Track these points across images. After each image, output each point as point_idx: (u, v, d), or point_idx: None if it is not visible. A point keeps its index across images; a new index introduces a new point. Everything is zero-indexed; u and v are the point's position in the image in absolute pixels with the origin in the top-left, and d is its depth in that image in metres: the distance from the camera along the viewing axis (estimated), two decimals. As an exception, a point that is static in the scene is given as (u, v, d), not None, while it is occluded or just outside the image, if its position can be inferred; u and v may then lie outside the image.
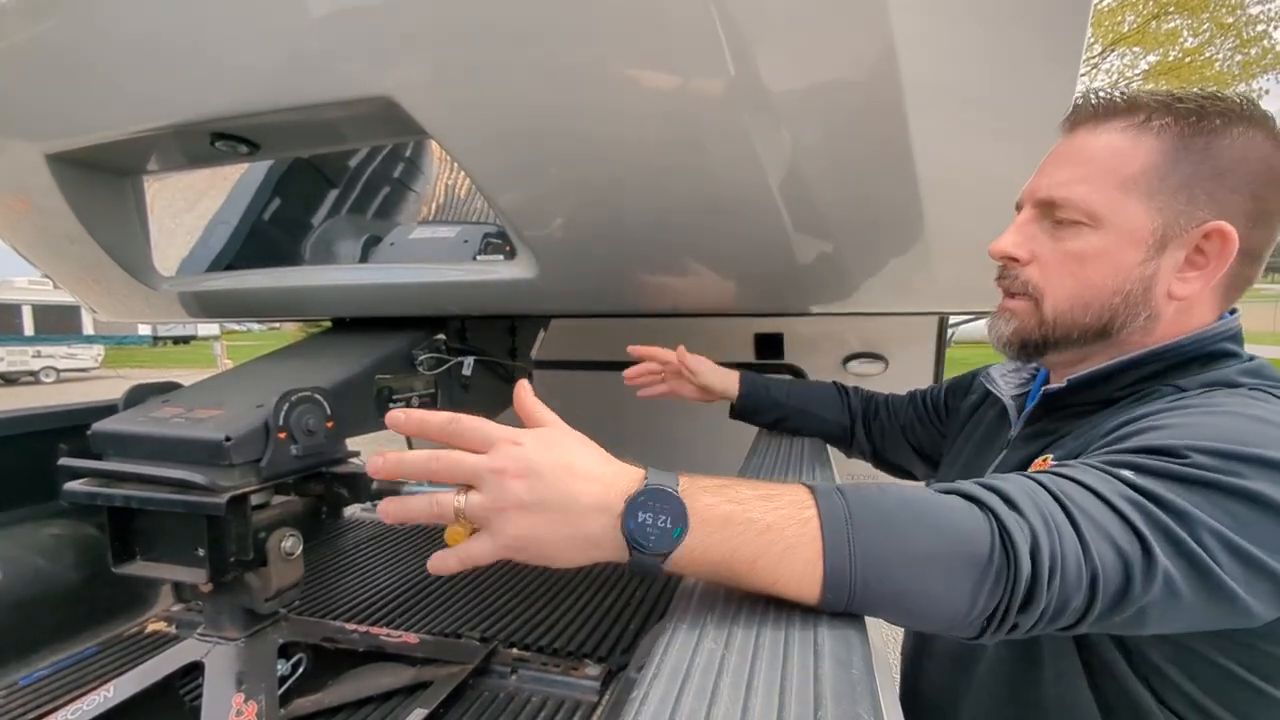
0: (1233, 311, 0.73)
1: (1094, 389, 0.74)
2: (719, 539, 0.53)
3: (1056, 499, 0.53)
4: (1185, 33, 10.72)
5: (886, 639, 0.84)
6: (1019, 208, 0.78)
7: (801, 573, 0.52)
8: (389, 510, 0.60)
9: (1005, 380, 0.92)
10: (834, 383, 1.39)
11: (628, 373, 1.41)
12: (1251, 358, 0.69)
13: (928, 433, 1.19)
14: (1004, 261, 0.78)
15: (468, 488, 0.57)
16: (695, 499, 0.54)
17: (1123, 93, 0.72)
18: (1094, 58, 11.14)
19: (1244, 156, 0.65)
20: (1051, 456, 0.71)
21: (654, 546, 0.52)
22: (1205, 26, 10.52)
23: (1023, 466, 0.74)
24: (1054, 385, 0.78)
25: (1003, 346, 0.80)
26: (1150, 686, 0.64)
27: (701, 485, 0.56)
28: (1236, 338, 0.70)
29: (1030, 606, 0.50)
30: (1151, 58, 11.08)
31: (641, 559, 0.53)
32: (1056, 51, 0.96)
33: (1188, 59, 10.71)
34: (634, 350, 1.38)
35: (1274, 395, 0.62)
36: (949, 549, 0.51)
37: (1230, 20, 10.31)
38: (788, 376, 1.45)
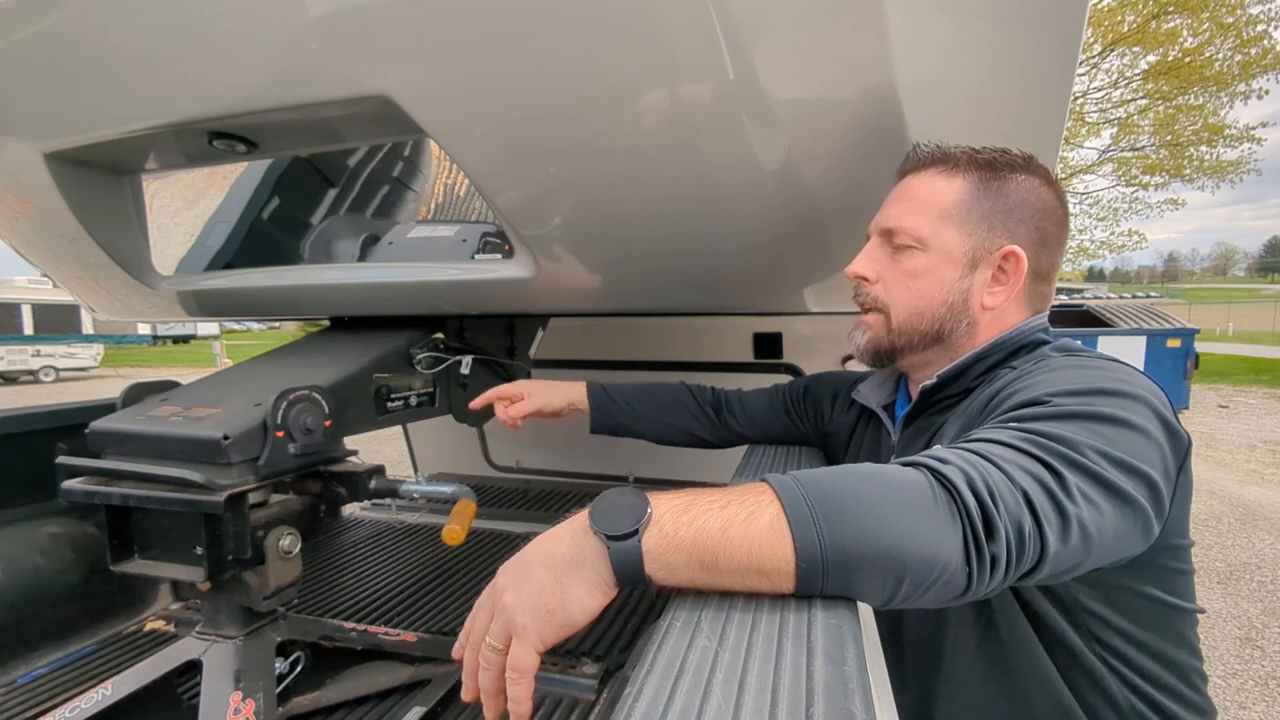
0: (1040, 313, 0.91)
1: (956, 381, 0.90)
2: (686, 520, 0.57)
3: (970, 450, 0.62)
4: (1185, 32, 10.69)
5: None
6: (869, 237, 0.95)
7: (770, 531, 0.55)
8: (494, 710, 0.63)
9: (873, 393, 1.07)
10: (681, 383, 1.40)
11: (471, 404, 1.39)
12: (1058, 338, 0.88)
13: (787, 433, 1.30)
14: (856, 281, 0.95)
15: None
16: (656, 499, 0.60)
17: (938, 147, 0.90)
18: (1093, 57, 11.13)
19: (1026, 197, 0.86)
20: (937, 446, 0.79)
21: (625, 525, 0.57)
22: (1205, 26, 10.49)
23: None
24: (927, 381, 0.91)
25: (860, 354, 0.98)
26: (1083, 627, 0.77)
27: (658, 494, 0.62)
28: (1047, 330, 0.90)
29: (993, 531, 0.55)
30: (1151, 57, 11.06)
31: (619, 548, 0.57)
32: (1054, 50, 0.96)
33: (1187, 59, 10.68)
34: (479, 400, 1.38)
35: (1079, 355, 0.81)
36: (895, 494, 0.57)
37: (1230, 20, 10.28)
38: (639, 384, 1.40)
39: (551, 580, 0.59)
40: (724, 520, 0.56)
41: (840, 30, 0.84)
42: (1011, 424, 0.66)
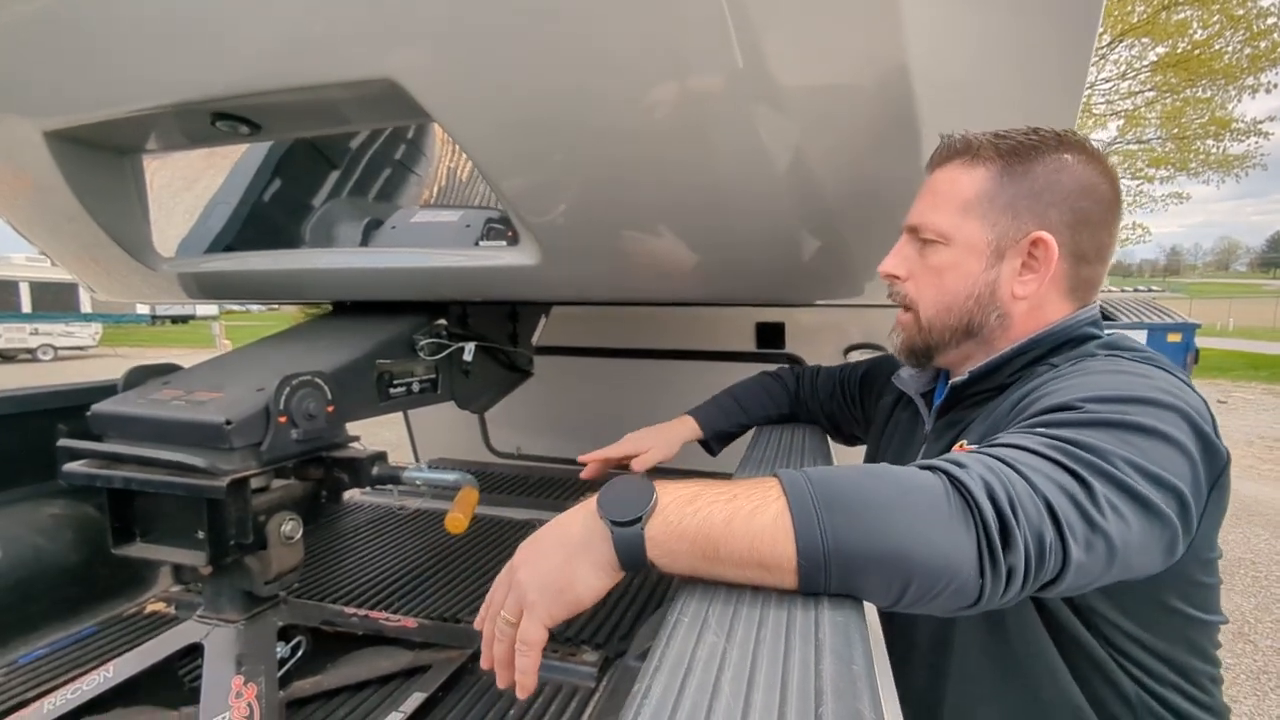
0: (1086, 307, 0.87)
1: (990, 377, 0.88)
2: (690, 510, 0.59)
3: (994, 456, 0.60)
4: (1195, 24, 10.60)
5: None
6: (902, 234, 0.94)
7: (774, 525, 0.55)
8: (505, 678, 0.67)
9: (913, 379, 1.05)
10: (764, 373, 1.45)
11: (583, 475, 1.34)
12: (1109, 335, 0.84)
13: (843, 413, 1.35)
14: (888, 279, 0.94)
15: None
16: (664, 488, 0.61)
17: (962, 137, 0.87)
18: (1102, 48, 11.02)
19: (1056, 177, 0.82)
20: (965, 442, 0.82)
21: (630, 512, 0.59)
22: (1215, 18, 10.38)
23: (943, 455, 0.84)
24: (958, 377, 0.91)
25: (898, 355, 0.98)
26: (1095, 629, 0.76)
27: (668, 483, 0.63)
28: (1096, 324, 0.85)
29: (1010, 541, 0.54)
30: (1160, 49, 10.97)
31: (623, 533, 0.59)
32: (1067, 40, 0.95)
33: (1197, 51, 10.59)
34: (586, 459, 1.31)
35: (1123, 358, 0.77)
36: (906, 497, 0.56)
37: (1240, 13, 10.18)
38: (726, 391, 1.42)
39: (562, 560, 0.62)
40: (729, 513, 0.57)
41: (852, 17, 0.83)
42: (1039, 429, 0.64)
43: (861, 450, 1.34)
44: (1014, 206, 0.83)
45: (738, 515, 0.57)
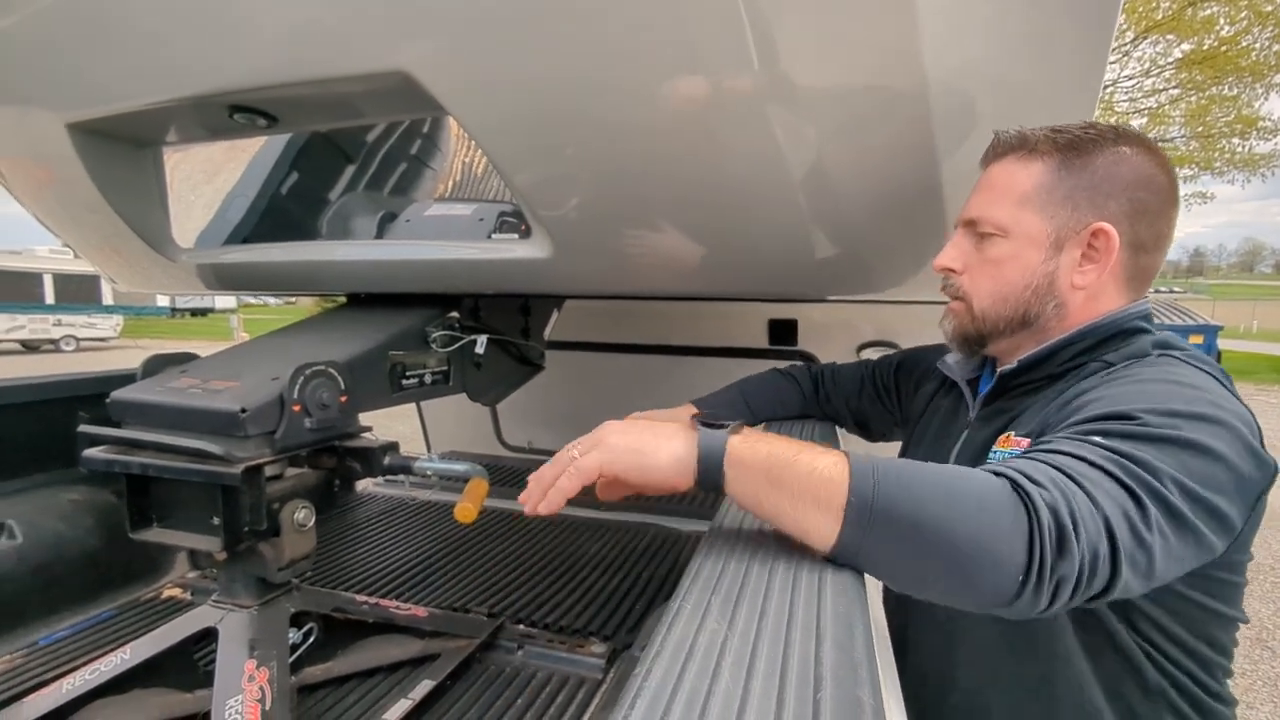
0: (1142, 301, 0.88)
1: (1040, 366, 0.89)
2: (766, 440, 0.68)
3: (1054, 466, 0.62)
4: (1222, 20, 10.40)
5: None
6: (955, 228, 0.96)
7: (833, 467, 0.61)
8: (534, 496, 0.77)
9: (959, 365, 1.06)
10: (774, 370, 1.43)
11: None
12: (1159, 331, 0.85)
13: (874, 408, 1.33)
14: (944, 273, 0.96)
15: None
16: (742, 426, 0.71)
17: (1016, 132, 0.89)
18: (1125, 45, 10.86)
19: (1115, 169, 0.83)
20: (1013, 432, 0.85)
21: (721, 421, 0.70)
22: (1243, 15, 10.18)
23: (986, 444, 0.90)
24: (1007, 366, 0.92)
25: (949, 341, 1.00)
26: (1128, 620, 0.78)
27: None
28: (1148, 318, 0.86)
29: (1065, 551, 0.55)
30: (1186, 46, 10.78)
31: (709, 435, 0.69)
32: (1084, 37, 0.94)
33: (1223, 48, 10.40)
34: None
35: (1178, 360, 0.78)
36: (964, 483, 0.59)
37: (1269, 9, 9.98)
38: (734, 386, 1.42)
39: (650, 435, 0.73)
40: (796, 450, 0.66)
41: (867, 9, 0.82)
42: (1097, 437, 0.66)
43: (894, 446, 1.33)
44: (1073, 198, 0.84)
45: (804, 452, 0.65)
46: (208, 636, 0.99)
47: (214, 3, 0.86)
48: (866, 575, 0.65)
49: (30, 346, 17.01)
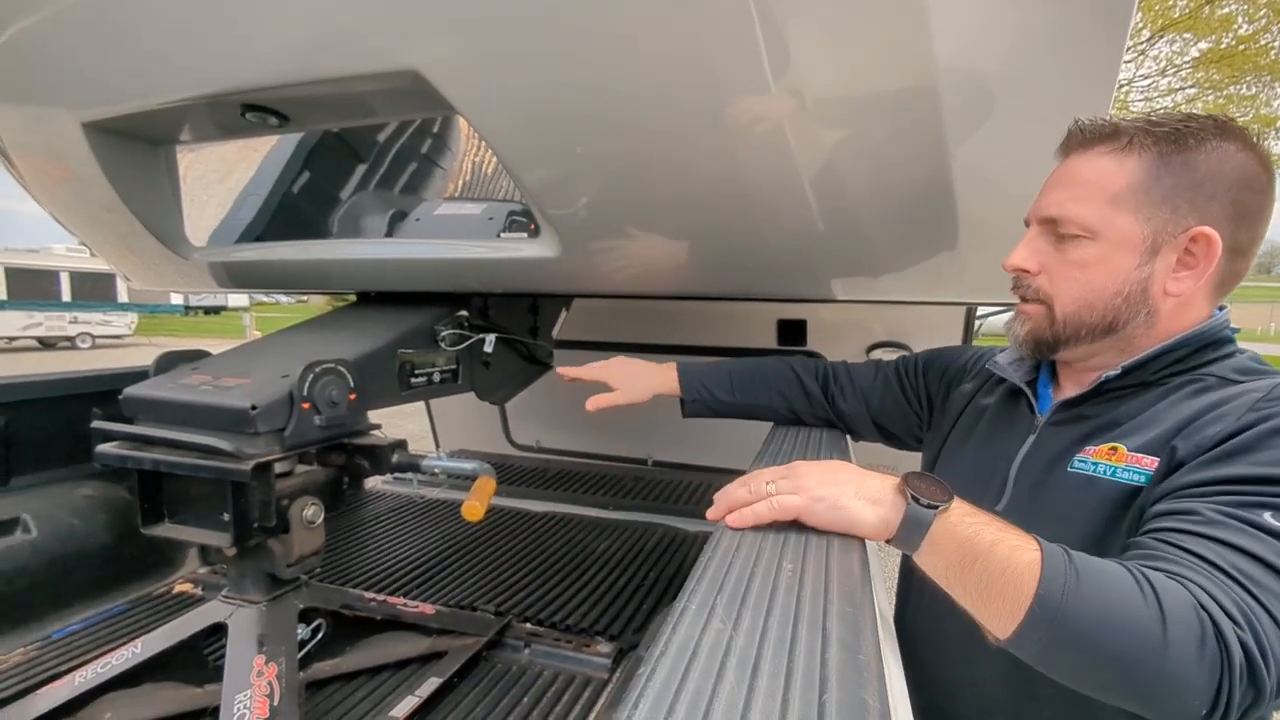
0: (1222, 308, 0.84)
1: (1134, 374, 0.83)
2: (970, 522, 0.66)
3: (1236, 581, 0.58)
4: (1240, 19, 10.26)
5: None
6: (1027, 224, 0.88)
7: (1026, 564, 0.60)
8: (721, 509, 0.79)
9: (1014, 367, 0.99)
10: (782, 359, 1.34)
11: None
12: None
13: (899, 409, 1.24)
14: (1016, 273, 0.88)
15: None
16: (952, 500, 0.68)
17: (1106, 121, 0.81)
18: (1141, 44, 10.73)
19: (1219, 168, 0.76)
20: (1123, 446, 0.79)
21: (927, 501, 0.67)
22: (1262, 13, 10.03)
23: (1068, 451, 0.84)
24: (1110, 371, 0.84)
25: (1019, 345, 0.91)
26: None
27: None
28: (1229, 325, 0.83)
29: (1255, 682, 0.54)
30: (1203, 44, 10.64)
31: (917, 509, 0.67)
32: (1097, 36, 0.93)
33: (1241, 46, 10.25)
34: (564, 372, 1.37)
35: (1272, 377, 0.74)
36: (1155, 606, 0.56)
37: (1289, 6, 9.86)
38: (730, 361, 1.36)
39: (853, 491, 0.72)
40: (995, 537, 0.63)
41: (877, 12, 0.82)
42: (1265, 512, 0.62)
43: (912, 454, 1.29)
44: (1172, 199, 0.76)
45: (1003, 543, 0.62)
46: (218, 632, 1.00)
47: (227, 3, 0.87)
48: (874, 578, 0.65)
49: (47, 343, 17.22)
